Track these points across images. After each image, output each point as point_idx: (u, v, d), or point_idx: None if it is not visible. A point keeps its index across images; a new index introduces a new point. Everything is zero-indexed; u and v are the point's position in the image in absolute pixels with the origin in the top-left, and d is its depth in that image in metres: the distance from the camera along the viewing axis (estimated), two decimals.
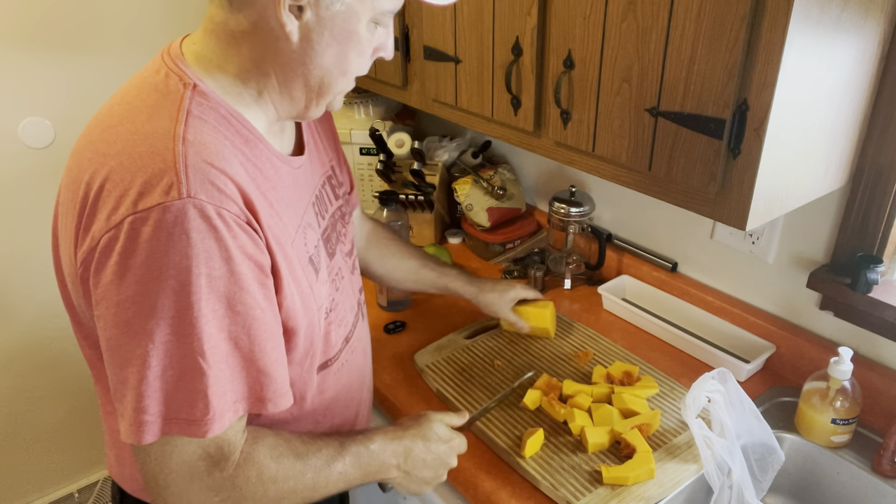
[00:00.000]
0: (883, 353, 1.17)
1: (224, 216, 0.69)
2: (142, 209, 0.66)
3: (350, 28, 0.76)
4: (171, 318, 0.68)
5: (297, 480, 0.80)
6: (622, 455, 1.07)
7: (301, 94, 0.80)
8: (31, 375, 1.99)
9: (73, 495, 2.19)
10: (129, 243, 0.67)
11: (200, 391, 0.69)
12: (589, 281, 1.61)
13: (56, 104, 1.80)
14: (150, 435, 0.70)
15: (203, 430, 0.70)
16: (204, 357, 0.69)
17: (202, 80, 0.77)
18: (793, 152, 0.91)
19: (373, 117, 1.89)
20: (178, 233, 0.66)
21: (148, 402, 0.69)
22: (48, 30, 1.73)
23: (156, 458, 0.72)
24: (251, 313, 0.73)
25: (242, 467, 0.76)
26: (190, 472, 0.73)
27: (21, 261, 1.87)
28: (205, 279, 0.68)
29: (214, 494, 0.75)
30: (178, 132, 0.71)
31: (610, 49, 0.98)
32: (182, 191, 0.67)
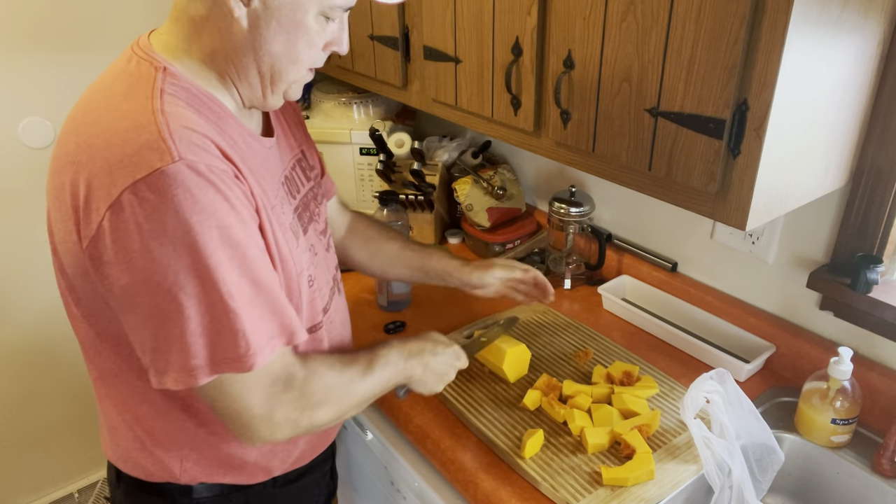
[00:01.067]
0: (883, 353, 1.17)
1: (216, 172, 0.74)
2: (140, 177, 0.70)
3: (297, 18, 0.80)
4: (196, 272, 0.72)
5: (350, 385, 0.92)
6: (622, 456, 1.07)
7: (256, 81, 0.84)
8: (31, 375, 1.99)
9: (72, 495, 2.19)
10: (135, 211, 0.70)
11: (238, 330, 0.75)
12: (589, 281, 1.61)
13: (56, 104, 1.80)
14: (203, 377, 0.76)
15: (249, 365, 0.77)
16: (233, 299, 0.74)
17: (171, 64, 0.81)
18: (793, 152, 0.91)
19: (373, 117, 1.89)
20: (181, 193, 0.71)
21: (194, 350, 0.74)
22: (48, 30, 1.73)
23: (237, 397, 0.79)
24: (261, 257, 0.80)
25: (309, 381, 0.86)
26: (271, 397, 0.81)
27: (21, 261, 1.87)
28: (216, 230, 0.73)
29: (293, 410, 0.84)
30: (155, 106, 0.75)
31: (610, 49, 0.98)
32: (174, 154, 0.71)
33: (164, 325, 0.74)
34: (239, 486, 0.99)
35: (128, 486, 0.99)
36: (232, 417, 0.81)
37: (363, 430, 1.32)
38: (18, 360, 1.96)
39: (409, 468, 1.19)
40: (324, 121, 1.88)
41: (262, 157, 0.90)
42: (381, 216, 1.49)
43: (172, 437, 0.92)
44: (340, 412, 0.91)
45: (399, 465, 1.21)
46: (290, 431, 0.85)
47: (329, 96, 1.89)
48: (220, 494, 0.98)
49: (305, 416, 0.86)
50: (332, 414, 0.89)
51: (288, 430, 0.85)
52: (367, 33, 1.50)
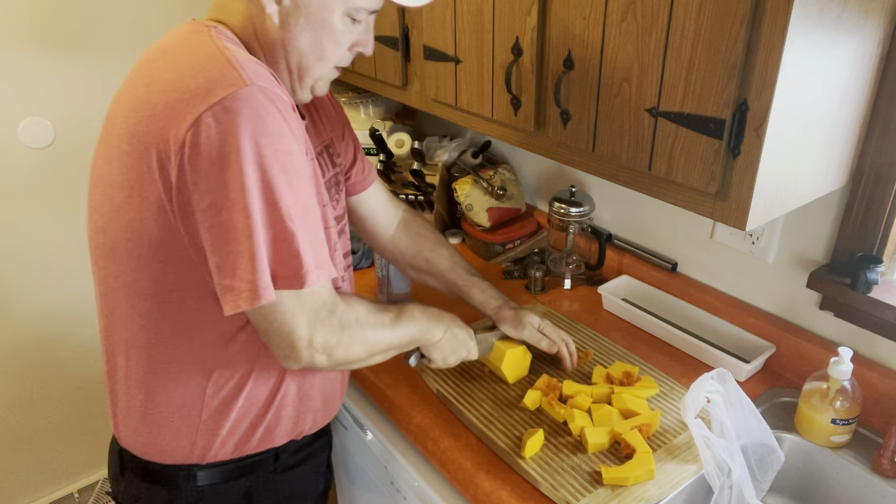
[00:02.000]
0: (883, 353, 1.17)
1: (282, 102, 0.81)
2: (215, 101, 0.76)
3: (324, 17, 0.87)
4: (265, 191, 0.78)
5: (381, 328, 0.98)
6: (622, 455, 1.07)
7: (285, 76, 0.91)
8: (31, 375, 1.99)
9: (72, 495, 2.19)
10: (212, 134, 0.76)
11: (294, 250, 0.81)
12: (589, 281, 1.61)
13: (56, 104, 1.80)
14: (268, 293, 0.80)
15: (302, 282, 0.82)
16: (292, 220, 0.80)
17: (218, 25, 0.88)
18: (793, 152, 0.91)
19: (373, 117, 1.89)
20: (253, 115, 0.77)
21: (261, 266, 0.79)
22: (48, 30, 1.73)
23: (289, 316, 0.84)
24: (311, 188, 0.86)
25: (349, 310, 0.92)
26: (314, 321, 0.87)
27: (21, 260, 1.87)
28: (282, 155, 0.79)
29: (332, 336, 0.89)
30: (219, 44, 0.82)
31: (610, 49, 0.98)
32: (246, 79, 0.78)
33: (242, 241, 0.78)
34: (241, 472, 1.01)
35: (132, 475, 1.01)
36: (281, 336, 0.86)
37: (363, 430, 1.32)
38: (19, 360, 1.96)
39: (409, 468, 1.19)
40: None
41: None
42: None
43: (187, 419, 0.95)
44: (370, 352, 0.97)
45: (399, 465, 1.21)
46: (327, 359, 0.90)
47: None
48: (223, 481, 1.00)
49: (342, 348, 0.91)
50: (363, 351, 0.95)
51: (325, 358, 0.89)
52: None
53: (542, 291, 1.58)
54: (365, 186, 1.23)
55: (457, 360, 1.14)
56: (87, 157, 1.86)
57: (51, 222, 1.88)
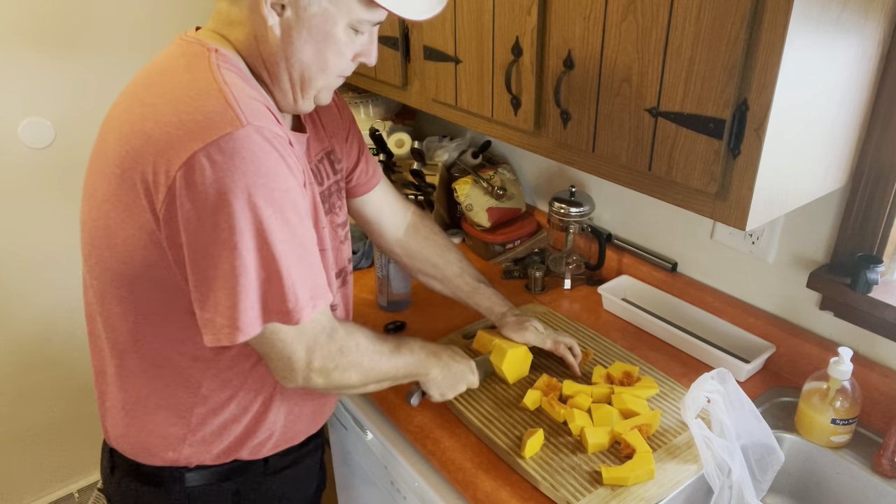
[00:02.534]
0: (883, 353, 1.17)
1: (279, 140, 0.81)
2: (211, 140, 0.76)
3: (326, 30, 0.85)
4: (257, 231, 0.78)
5: (379, 358, 0.99)
6: (622, 455, 1.07)
7: (287, 87, 0.90)
8: (30, 375, 1.99)
9: (72, 495, 2.19)
10: (204, 174, 0.76)
11: (286, 288, 0.81)
12: (589, 281, 1.61)
13: (56, 104, 1.80)
14: (253, 329, 0.82)
15: (295, 319, 0.83)
16: (287, 258, 0.81)
17: (219, 48, 0.86)
18: (793, 152, 0.91)
19: (373, 117, 1.89)
20: (248, 155, 0.77)
21: (248, 303, 0.80)
22: (48, 30, 1.73)
23: (288, 342, 0.86)
24: (308, 221, 0.86)
25: (348, 337, 0.94)
26: (315, 342, 0.89)
27: (21, 260, 1.87)
28: (277, 193, 0.79)
29: (330, 360, 0.91)
30: (217, 77, 0.81)
31: (610, 49, 0.98)
32: (243, 119, 0.77)
33: (228, 280, 0.79)
34: (230, 474, 1.00)
35: (122, 474, 1.01)
36: (282, 361, 0.88)
37: (363, 430, 1.32)
38: (19, 360, 1.96)
39: (409, 468, 1.19)
40: None
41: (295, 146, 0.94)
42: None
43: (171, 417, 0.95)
44: (366, 379, 0.98)
45: (399, 465, 1.21)
46: (323, 382, 0.92)
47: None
48: (212, 483, 1.00)
49: (339, 372, 0.93)
50: (359, 378, 0.96)
51: (321, 380, 0.91)
52: None
53: (542, 291, 1.58)
54: (370, 188, 1.22)
55: (456, 394, 1.14)
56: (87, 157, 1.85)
57: (51, 222, 1.88)
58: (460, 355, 1.15)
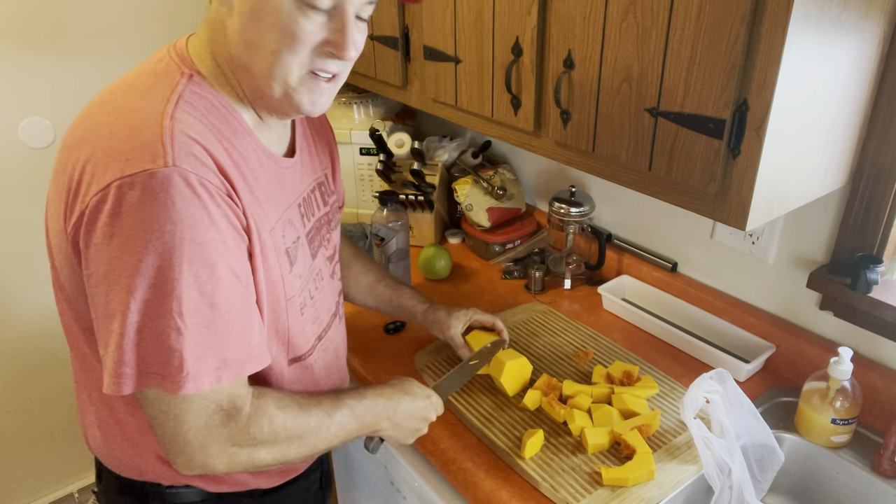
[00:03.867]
0: (883, 353, 1.17)
1: (207, 186, 0.74)
2: (129, 174, 0.71)
3: (271, 4, 0.75)
4: (154, 278, 0.71)
5: (303, 429, 0.87)
6: (622, 456, 1.07)
7: (252, 80, 0.81)
8: (30, 375, 1.99)
9: (72, 495, 2.19)
10: (116, 205, 0.71)
11: (176, 350, 0.73)
12: (589, 281, 1.61)
13: (56, 104, 1.80)
14: (128, 387, 0.74)
15: (177, 387, 0.74)
16: (182, 318, 0.73)
17: (201, 72, 0.82)
18: (793, 152, 0.91)
19: (373, 117, 1.89)
20: (164, 198, 0.71)
21: (126, 355, 0.73)
22: (48, 30, 1.73)
23: (174, 417, 0.76)
24: (232, 281, 0.77)
25: (254, 418, 0.82)
26: (207, 426, 0.78)
27: (21, 260, 1.87)
28: (188, 244, 0.72)
29: (231, 445, 0.80)
30: (167, 110, 0.75)
31: (610, 49, 0.98)
32: (168, 160, 0.71)
33: (111, 323, 0.73)
34: (214, 494, 0.96)
35: (108, 481, 0.97)
36: (167, 439, 0.78)
37: None
38: (19, 361, 1.96)
39: (409, 468, 1.19)
40: None
41: (275, 176, 0.88)
42: (380, 216, 1.49)
43: (142, 435, 0.89)
44: (284, 457, 0.86)
45: (399, 465, 1.21)
46: (226, 465, 0.81)
47: None
48: (194, 501, 0.95)
49: (244, 453, 0.82)
50: (274, 456, 0.85)
51: (222, 464, 0.81)
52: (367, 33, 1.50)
53: (542, 291, 1.58)
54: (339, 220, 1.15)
55: (415, 438, 1.04)
56: None
57: None
58: (420, 396, 1.02)
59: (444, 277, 1.64)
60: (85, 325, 0.84)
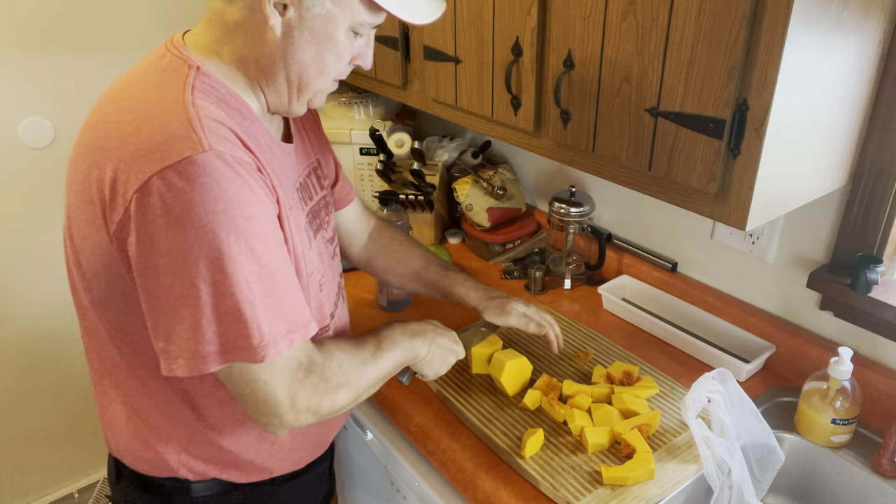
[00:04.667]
0: (883, 353, 1.17)
1: (242, 163, 0.77)
2: (169, 164, 0.72)
3: (328, 32, 0.83)
4: (217, 259, 0.74)
5: (364, 366, 0.93)
6: (622, 455, 1.07)
7: (283, 88, 0.87)
8: (31, 375, 1.99)
9: (72, 495, 2.19)
10: (163, 196, 0.72)
11: (253, 321, 0.77)
12: (589, 281, 1.61)
13: (56, 104, 1.80)
14: (213, 364, 0.77)
15: (261, 356, 0.78)
16: (251, 290, 0.76)
17: (203, 63, 0.84)
18: (793, 152, 0.91)
19: (373, 117, 1.89)
20: (209, 182, 0.73)
21: (206, 336, 0.76)
22: (48, 30, 1.73)
23: (264, 383, 0.80)
24: (280, 251, 0.82)
25: (328, 364, 0.87)
26: (293, 382, 0.83)
27: (21, 260, 1.87)
28: (240, 221, 0.75)
29: (315, 394, 0.85)
30: (186, 98, 0.78)
31: (610, 49, 0.98)
32: (204, 144, 0.74)
33: (180, 310, 0.75)
34: (237, 485, 0.99)
35: (128, 482, 1.00)
36: (258, 405, 0.82)
37: (363, 430, 1.32)
38: (19, 360, 1.96)
39: (409, 468, 1.19)
40: (324, 121, 1.88)
41: (280, 160, 0.92)
42: (381, 216, 1.49)
43: (170, 430, 0.93)
44: (357, 394, 0.92)
45: (399, 465, 1.21)
46: (313, 416, 0.86)
47: (329, 96, 1.88)
48: (218, 493, 0.99)
49: (327, 400, 0.87)
50: (350, 396, 0.91)
51: (311, 416, 0.86)
52: None
53: (542, 291, 1.58)
54: (345, 204, 1.21)
55: (448, 368, 1.09)
56: None
57: (51, 222, 1.88)
58: (441, 328, 1.09)
59: None
60: (118, 325, 0.86)
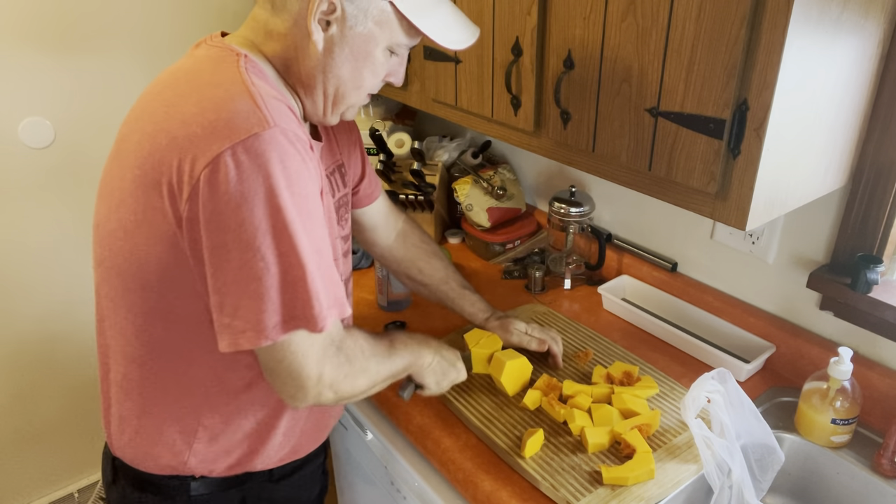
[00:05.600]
0: (883, 353, 1.17)
1: (301, 142, 0.80)
2: (238, 140, 0.75)
3: (368, 50, 0.87)
4: (280, 233, 0.77)
5: (380, 360, 0.97)
6: (622, 455, 1.07)
7: (320, 100, 0.91)
8: (31, 375, 1.99)
9: (72, 495, 2.19)
10: (229, 175, 0.75)
11: (313, 292, 0.80)
12: (589, 281, 1.61)
13: (56, 104, 1.80)
14: (276, 334, 0.80)
15: (320, 326, 0.82)
16: (308, 263, 0.79)
17: (249, 54, 0.87)
18: (793, 152, 0.91)
19: (373, 117, 1.89)
20: (274, 157, 0.76)
21: (272, 306, 0.79)
22: (48, 30, 1.73)
23: (302, 354, 0.84)
24: (325, 229, 0.85)
25: (353, 344, 0.92)
26: (325, 357, 0.86)
27: (22, 260, 1.87)
28: (298, 198, 0.78)
29: (339, 373, 0.88)
30: (245, 78, 0.81)
31: (610, 49, 0.98)
32: (270, 121, 0.77)
33: (250, 283, 0.78)
34: (235, 482, 1.00)
35: (125, 483, 1.00)
36: (290, 376, 0.85)
37: (363, 430, 1.32)
38: (19, 360, 1.96)
39: (409, 468, 1.19)
40: None
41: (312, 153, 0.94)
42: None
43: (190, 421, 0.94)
44: (372, 382, 0.96)
45: (399, 465, 1.21)
46: (333, 395, 0.89)
47: None
48: (217, 491, 1.00)
49: (348, 382, 0.90)
50: (366, 383, 0.94)
51: (331, 394, 0.89)
52: None
53: (542, 291, 1.58)
54: (371, 200, 1.24)
55: (450, 384, 1.12)
56: (87, 157, 1.86)
57: (51, 222, 1.88)
58: (446, 346, 1.13)
59: None
60: (166, 308, 0.87)
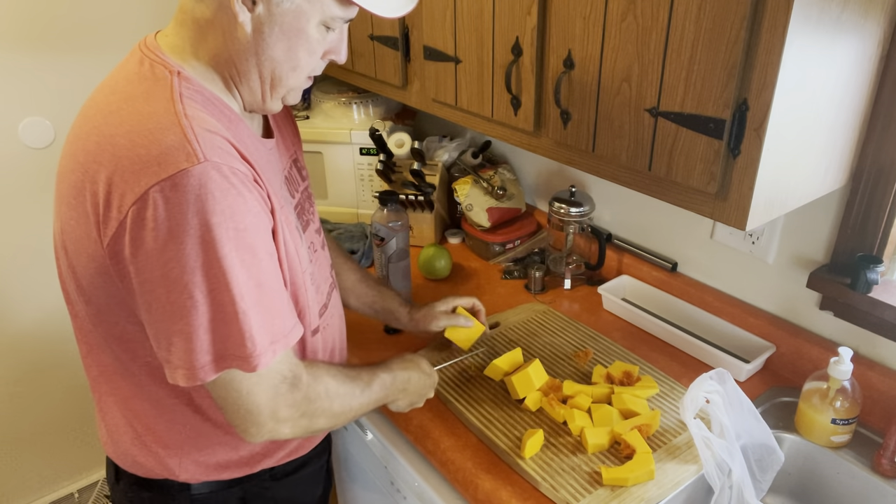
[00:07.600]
0: (883, 353, 1.17)
1: (238, 175, 0.77)
2: (165, 177, 0.72)
3: (299, 26, 0.82)
4: (210, 271, 0.75)
5: (351, 397, 0.95)
6: (622, 456, 1.07)
7: (257, 86, 0.86)
8: (31, 375, 1.99)
9: (72, 495, 2.19)
10: (161, 209, 0.73)
11: (246, 330, 0.78)
12: (589, 281, 1.61)
13: (56, 104, 1.80)
14: (209, 374, 0.79)
15: (253, 364, 0.79)
16: (243, 300, 0.77)
17: (182, 67, 0.83)
18: (793, 152, 0.91)
19: (373, 117, 1.89)
20: (204, 193, 0.73)
21: (203, 346, 0.77)
22: (48, 30, 1.73)
23: (247, 392, 0.82)
24: (269, 261, 0.82)
25: (313, 385, 0.89)
26: (277, 395, 0.84)
27: (21, 261, 1.87)
28: (233, 232, 0.75)
29: (296, 410, 0.87)
30: (178, 109, 0.78)
31: (610, 49, 0.98)
32: (200, 156, 0.74)
33: (177, 321, 0.76)
34: (236, 481, 1.01)
35: (127, 483, 1.01)
36: (240, 414, 0.84)
37: (363, 430, 1.32)
38: (19, 360, 1.96)
39: (409, 468, 1.19)
40: (324, 121, 1.88)
41: (266, 157, 0.92)
42: (380, 216, 1.49)
43: (172, 435, 0.94)
44: (336, 422, 0.95)
45: (399, 465, 1.21)
46: (290, 431, 0.88)
47: (329, 96, 1.89)
48: (218, 490, 1.00)
49: (305, 420, 0.89)
50: (329, 422, 0.93)
51: (288, 430, 0.87)
52: (367, 33, 1.50)
53: (542, 291, 1.58)
54: None
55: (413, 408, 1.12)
56: None
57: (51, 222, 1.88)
58: (426, 375, 1.11)
59: (444, 277, 1.64)
60: (116, 333, 0.86)
